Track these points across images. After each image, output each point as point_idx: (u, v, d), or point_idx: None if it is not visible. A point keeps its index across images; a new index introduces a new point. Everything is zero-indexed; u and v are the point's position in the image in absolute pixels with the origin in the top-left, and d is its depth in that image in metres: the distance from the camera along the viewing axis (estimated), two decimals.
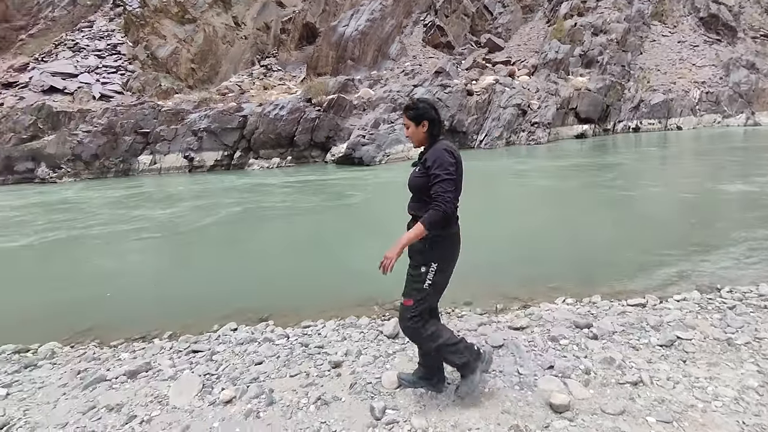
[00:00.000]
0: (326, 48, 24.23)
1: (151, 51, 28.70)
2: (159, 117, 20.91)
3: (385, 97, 20.33)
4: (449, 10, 29.74)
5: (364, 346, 3.46)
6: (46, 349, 3.91)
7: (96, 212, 11.38)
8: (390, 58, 25.31)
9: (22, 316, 5.04)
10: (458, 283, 5.11)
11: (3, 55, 34.29)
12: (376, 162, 17.49)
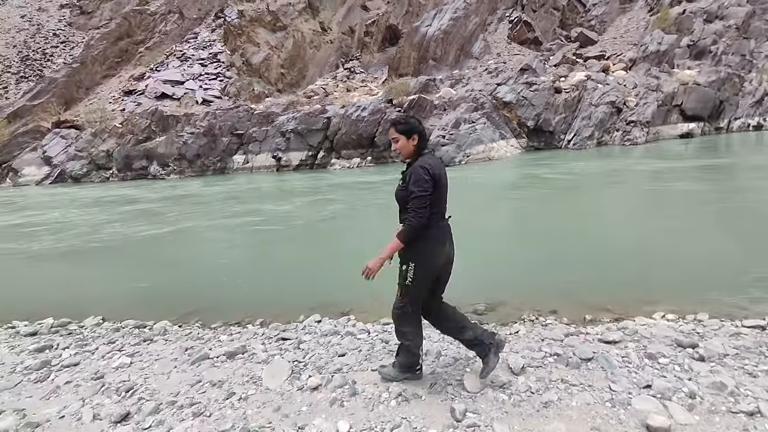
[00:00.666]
0: (408, 49, 24.43)
1: (246, 58, 30.99)
2: (252, 119, 22.54)
3: (466, 97, 20.02)
4: (537, 5, 28.49)
5: (443, 348, 3.47)
6: (159, 326, 4.42)
7: (218, 205, 12.59)
8: (473, 56, 24.86)
9: (142, 297, 5.74)
10: (542, 290, 4.95)
11: (125, 67, 39.10)
12: (456, 162, 17.30)
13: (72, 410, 2.80)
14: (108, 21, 46.44)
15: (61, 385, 3.14)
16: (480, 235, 8.02)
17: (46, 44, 49.08)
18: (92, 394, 3.00)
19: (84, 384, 3.14)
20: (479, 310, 4.58)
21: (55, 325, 4.54)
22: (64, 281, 6.69)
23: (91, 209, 13.45)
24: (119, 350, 3.76)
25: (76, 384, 3.14)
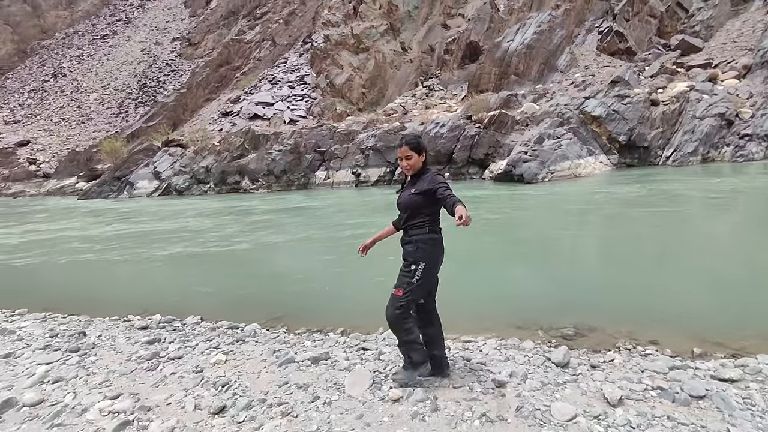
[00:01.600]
0: (489, 65, 24.16)
1: (330, 79, 32.61)
2: (334, 137, 23.56)
3: (551, 112, 19.24)
4: (631, 13, 26.79)
5: (529, 371, 3.31)
6: (250, 328, 4.71)
7: (324, 217, 13.20)
8: (558, 70, 23.92)
9: (235, 300, 6.18)
10: (639, 318, 4.54)
11: (224, 91, 43.02)
12: (539, 179, 16.61)
13: (177, 398, 3.06)
14: (211, 51, 51.69)
15: (168, 375, 3.45)
16: (566, 256, 7.58)
17: (160, 73, 55.78)
18: (193, 385, 3.26)
19: (186, 376, 3.43)
20: (567, 335, 4.31)
21: (162, 322, 5.03)
22: (171, 283, 7.41)
23: (201, 219, 14.83)
24: (216, 348, 4.06)
25: (180, 375, 3.44)
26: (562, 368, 3.35)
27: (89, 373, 3.55)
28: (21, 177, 40.59)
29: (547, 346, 3.94)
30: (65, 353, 4.00)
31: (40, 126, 51.98)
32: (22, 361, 3.85)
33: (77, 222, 16.74)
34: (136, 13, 67.63)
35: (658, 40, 27.54)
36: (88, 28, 67.11)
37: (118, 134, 40.74)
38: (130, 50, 60.43)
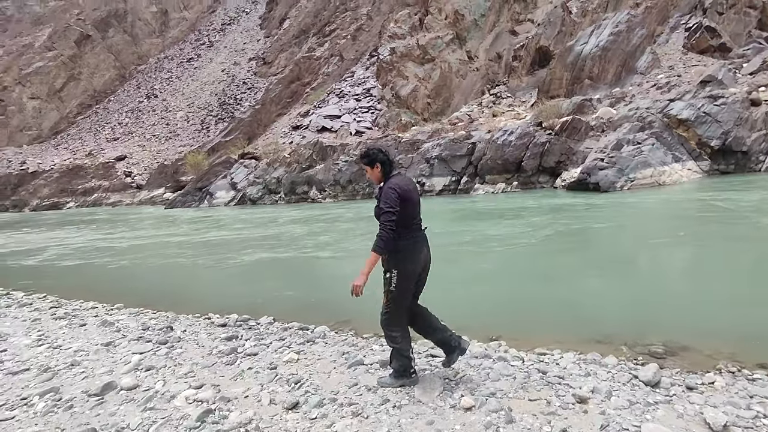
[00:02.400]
0: (560, 70, 23.19)
1: (396, 91, 33.03)
2: (399, 147, 23.76)
3: (630, 116, 18.01)
4: (725, 6, 24.47)
5: (614, 388, 3.06)
6: (320, 330, 4.81)
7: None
8: (637, 72, 22.39)
9: (305, 303, 6.37)
10: (743, 338, 4.04)
11: (294, 105, 45.12)
12: (617, 188, 15.54)
13: (253, 392, 3.19)
14: (283, 68, 54.60)
15: (245, 370, 3.61)
16: (651, 269, 6.99)
17: (237, 91, 59.86)
18: (268, 381, 3.38)
19: (262, 372, 3.56)
20: (656, 353, 3.94)
21: (239, 320, 5.30)
22: (249, 286, 7.80)
23: (292, 226, 15.62)
24: (288, 347, 4.19)
25: (256, 371, 3.59)
26: (652, 388, 3.07)
27: (176, 364, 3.81)
28: (118, 188, 45.25)
29: (633, 363, 3.64)
30: (155, 345, 4.34)
31: (135, 142, 57.76)
32: (120, 349, 4.23)
33: (174, 229, 18.24)
34: (217, 37, 73.39)
35: (760, 33, 24.84)
36: (177, 53, 73.86)
37: (200, 148, 44.16)
38: (212, 71, 65.58)
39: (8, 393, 3.33)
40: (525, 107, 24.89)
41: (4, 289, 7.98)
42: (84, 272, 10.08)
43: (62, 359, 3.98)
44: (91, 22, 76.99)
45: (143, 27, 78.65)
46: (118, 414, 2.94)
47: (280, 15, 67.09)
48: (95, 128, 63.92)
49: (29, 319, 5.52)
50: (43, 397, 3.20)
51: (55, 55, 73.23)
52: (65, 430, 2.76)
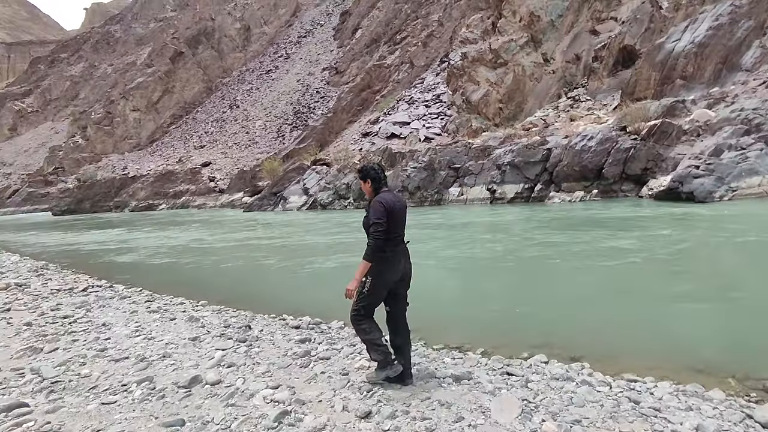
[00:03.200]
0: (647, 69, 21.47)
1: (466, 96, 32.55)
2: (469, 153, 23.34)
3: (732, 118, 16.19)
4: None
5: (723, 427, 2.71)
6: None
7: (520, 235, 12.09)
8: (742, 69, 20.10)
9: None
10: None
11: (364, 113, 46.09)
12: (715, 198, 14.00)
13: (327, 397, 3.22)
14: (354, 77, 56.06)
15: (318, 374, 3.67)
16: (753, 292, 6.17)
17: (311, 100, 62.43)
18: (341, 387, 3.40)
19: (334, 377, 3.60)
20: (766, 387, 3.44)
21: (311, 323, 5.43)
22: (321, 289, 8.02)
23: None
24: (359, 353, 4.21)
25: (329, 375, 3.63)
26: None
27: (254, 363, 3.97)
28: (203, 191, 48.95)
29: (745, 400, 3.20)
30: (236, 342, 4.56)
31: (218, 149, 62.26)
32: (205, 345, 4.50)
33: (257, 232, 19.36)
34: (294, 49, 77.22)
35: None
36: (257, 66, 78.74)
37: (276, 155, 46.55)
38: (288, 82, 69.06)
39: (111, 379, 3.66)
40: (606, 111, 23.33)
41: (108, 282, 8.87)
42: (173, 269, 10.97)
43: (155, 350, 4.31)
44: (184, 40, 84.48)
45: (228, 42, 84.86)
46: (203, 407, 3.11)
47: (353, 25, 69.10)
48: (185, 137, 69.88)
49: (128, 311, 6.07)
50: (140, 385, 3.47)
51: (153, 71, 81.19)
52: (158, 418, 2.96)
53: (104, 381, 3.62)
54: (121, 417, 2.98)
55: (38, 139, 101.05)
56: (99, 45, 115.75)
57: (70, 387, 3.52)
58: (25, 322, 5.51)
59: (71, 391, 3.45)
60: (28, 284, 8.39)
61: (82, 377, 3.72)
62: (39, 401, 3.26)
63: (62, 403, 3.22)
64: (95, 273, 10.35)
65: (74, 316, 5.77)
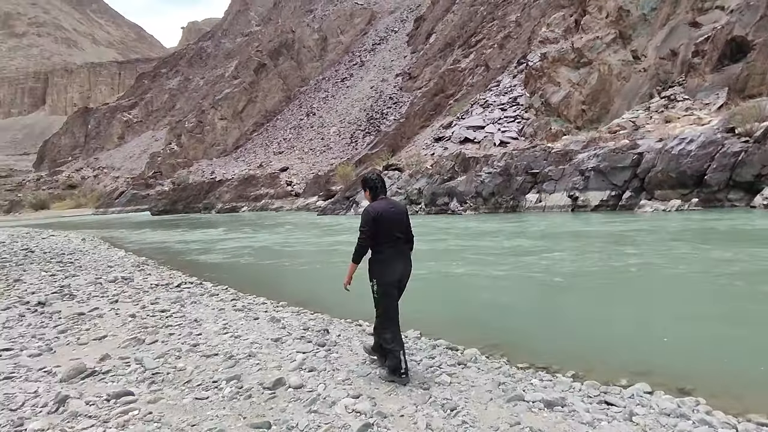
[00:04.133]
0: (762, 62, 19.00)
1: (546, 98, 31.06)
2: (548, 158, 22.20)
3: None
4: None
5: None
6: (470, 353, 4.58)
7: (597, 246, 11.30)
8: None
9: (451, 319, 6.22)
10: None
11: (437, 117, 45.77)
12: None
13: (409, 412, 3.11)
14: (427, 81, 56.00)
15: (398, 386, 3.57)
16: None
17: (384, 106, 63.35)
18: (422, 402, 3.27)
19: (415, 391, 3.48)
20: None
21: None
22: None
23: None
24: (438, 367, 4.06)
25: (409, 389, 3.52)
26: None
27: (334, 368, 3.97)
28: (281, 195, 51.51)
29: None
30: (315, 346, 4.61)
31: (295, 155, 65.27)
32: (286, 347, 4.60)
33: (333, 236, 19.97)
34: (368, 57, 78.98)
35: None
36: (333, 74, 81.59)
37: (349, 160, 47.77)
38: (362, 88, 70.73)
39: (203, 374, 3.84)
40: (709, 110, 20.98)
41: (198, 279, 9.54)
42: (254, 269, 11.56)
43: (241, 349, 4.48)
44: (267, 52, 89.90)
45: (306, 53, 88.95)
46: (287, 411, 3.14)
47: (427, 30, 69.17)
48: (265, 143, 74.18)
49: (216, 308, 6.44)
50: (229, 383, 3.60)
51: (239, 83, 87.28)
52: (246, 418, 3.04)
53: (197, 376, 3.82)
54: (212, 414, 3.10)
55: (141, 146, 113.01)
56: (193, 60, 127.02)
57: (168, 379, 3.76)
58: (129, 314, 6.05)
59: (169, 383, 3.67)
60: (132, 278, 9.27)
61: (178, 370, 3.95)
62: (142, 390, 3.50)
63: (162, 394, 3.43)
64: (187, 270, 11.20)
65: (170, 311, 6.23)
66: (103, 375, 3.86)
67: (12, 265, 12.04)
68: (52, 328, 5.50)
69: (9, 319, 5.96)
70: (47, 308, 6.56)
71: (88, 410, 3.15)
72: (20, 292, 7.98)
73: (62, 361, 4.31)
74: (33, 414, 3.13)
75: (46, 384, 3.67)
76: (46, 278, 9.45)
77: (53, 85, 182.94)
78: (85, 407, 3.20)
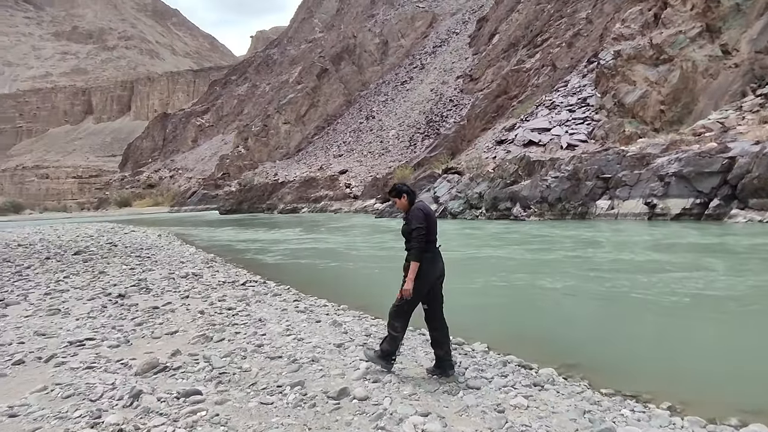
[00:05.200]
0: None
1: (619, 98, 29.12)
2: (622, 162, 20.72)
3: None
4: None
5: None
6: (546, 372, 4.19)
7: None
8: None
9: (521, 332, 5.81)
10: None
11: (499, 120, 44.46)
12: None
13: None
14: (490, 83, 54.65)
15: (470, 406, 3.30)
16: None
17: (443, 108, 62.66)
18: (498, 427, 2.99)
19: (489, 413, 3.19)
20: None
21: (452, 344, 5.05)
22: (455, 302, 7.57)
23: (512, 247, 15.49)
24: (513, 387, 3.73)
25: (482, 410, 3.24)
26: None
27: (399, 381, 3.77)
28: (340, 197, 52.46)
29: None
30: None
31: (354, 158, 66.27)
32: (349, 353, 4.47)
33: (396, 241, 19.94)
34: (428, 59, 78.63)
35: None
36: (392, 78, 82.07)
37: (408, 163, 47.65)
38: (421, 91, 70.49)
39: (268, 377, 3.80)
40: None
41: (261, 278, 9.76)
42: (315, 270, 11.68)
43: (305, 353, 4.42)
44: (329, 57, 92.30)
45: (367, 57, 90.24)
46: (353, 425, 2.98)
47: (490, 31, 67.60)
48: (326, 146, 76.05)
49: (279, 308, 6.49)
50: (293, 389, 3.52)
51: (302, 88, 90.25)
52: (311, 429, 2.92)
53: (262, 378, 3.78)
54: (277, 421, 3.01)
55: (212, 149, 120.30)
56: (260, 67, 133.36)
57: (234, 380, 3.75)
58: (199, 310, 6.24)
59: (235, 385, 3.65)
60: (201, 275, 9.67)
61: (243, 371, 3.94)
62: (209, 390, 3.50)
63: (228, 396, 3.41)
64: (251, 268, 11.55)
65: (236, 309, 6.35)
66: (173, 371, 3.93)
67: (98, 258, 13.09)
68: (129, 320, 5.79)
69: (93, 309, 6.37)
70: (126, 300, 6.95)
71: (159, 407, 3.19)
72: (104, 283, 8.57)
73: (137, 353, 4.47)
74: (110, 407, 3.21)
75: (122, 376, 3.80)
76: (126, 271, 10.12)
77: (137, 92, 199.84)
78: (157, 404, 3.24)
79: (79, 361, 4.19)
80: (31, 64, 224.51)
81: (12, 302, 6.92)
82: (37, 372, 4.02)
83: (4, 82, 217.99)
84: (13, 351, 4.59)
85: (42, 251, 15.39)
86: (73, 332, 5.23)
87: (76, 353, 4.47)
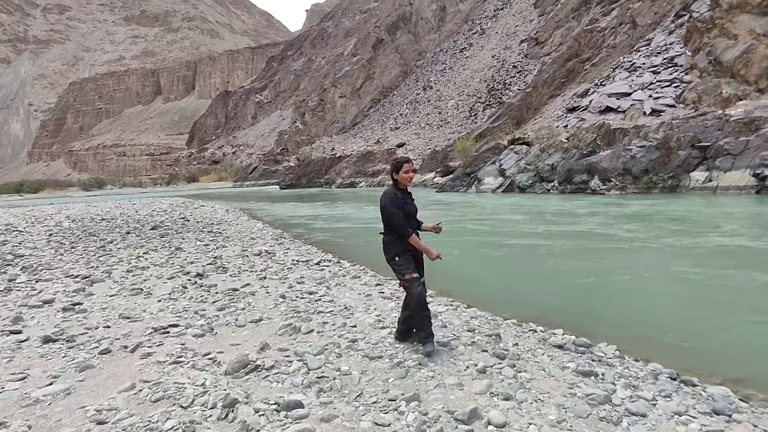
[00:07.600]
0: None
1: (715, 56, 25.69)
2: (724, 128, 18.22)
3: None
4: None
5: None
6: (720, 392, 3.27)
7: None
8: None
9: (650, 333, 4.84)
10: None
11: (570, 85, 41.23)
12: None
13: None
14: (558, 46, 50.70)
15: None
16: None
17: (506, 75, 59.24)
18: None
19: None
20: None
21: (576, 343, 4.22)
22: (543, 285, 6.68)
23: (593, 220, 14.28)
24: (686, 413, 2.89)
25: None
26: None
27: (535, 399, 3.05)
28: None
29: None
30: (493, 357, 3.74)
31: (411, 130, 64.91)
32: (459, 356, 3.79)
33: (461, 214, 19.09)
34: (489, 24, 74.37)
35: None
36: (450, 45, 78.72)
37: (469, 135, 45.75)
38: (482, 58, 67.04)
39: (373, 385, 3.23)
40: None
41: (334, 256, 9.33)
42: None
43: (407, 353, 3.81)
44: (384, 27, 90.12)
45: (424, 25, 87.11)
46: None
47: None
48: (382, 119, 75.09)
49: (363, 294, 5.94)
50: (409, 405, 2.92)
51: (357, 60, 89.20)
52: None
53: (367, 387, 3.21)
54: None
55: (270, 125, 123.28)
56: (315, 41, 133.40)
57: (336, 387, 3.21)
58: (279, 294, 5.84)
59: (338, 394, 3.11)
60: (274, 252, 9.41)
61: (344, 375, 3.40)
62: (311, 401, 2.98)
63: (335, 410, 2.86)
64: (320, 245, 11.20)
65: (318, 293, 5.89)
66: (266, 372, 3.46)
67: (173, 233, 13.36)
68: (210, 303, 5.49)
69: (174, 290, 6.17)
70: (204, 281, 6.73)
71: (259, 422, 2.70)
72: (181, 260, 8.51)
73: (224, 345, 4.09)
74: (203, 418, 2.78)
75: (212, 376, 3.38)
76: (200, 248, 10.11)
77: (200, 72, 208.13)
78: (255, 418, 2.75)
79: (166, 354, 3.85)
80: (106, 48, 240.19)
81: (97, 279, 6.93)
82: (124, 364, 3.72)
83: (84, 67, 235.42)
84: (100, 336, 4.37)
85: (122, 225, 16.07)
86: (156, 316, 4.99)
87: (162, 342, 4.16)
